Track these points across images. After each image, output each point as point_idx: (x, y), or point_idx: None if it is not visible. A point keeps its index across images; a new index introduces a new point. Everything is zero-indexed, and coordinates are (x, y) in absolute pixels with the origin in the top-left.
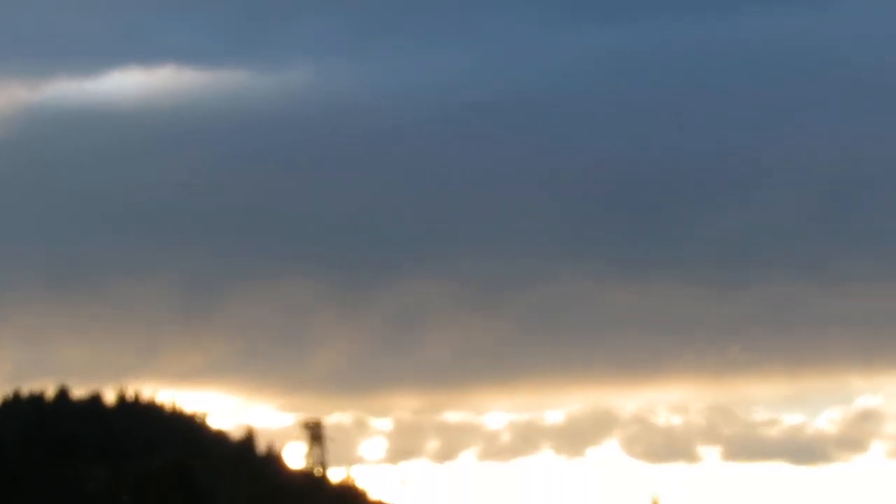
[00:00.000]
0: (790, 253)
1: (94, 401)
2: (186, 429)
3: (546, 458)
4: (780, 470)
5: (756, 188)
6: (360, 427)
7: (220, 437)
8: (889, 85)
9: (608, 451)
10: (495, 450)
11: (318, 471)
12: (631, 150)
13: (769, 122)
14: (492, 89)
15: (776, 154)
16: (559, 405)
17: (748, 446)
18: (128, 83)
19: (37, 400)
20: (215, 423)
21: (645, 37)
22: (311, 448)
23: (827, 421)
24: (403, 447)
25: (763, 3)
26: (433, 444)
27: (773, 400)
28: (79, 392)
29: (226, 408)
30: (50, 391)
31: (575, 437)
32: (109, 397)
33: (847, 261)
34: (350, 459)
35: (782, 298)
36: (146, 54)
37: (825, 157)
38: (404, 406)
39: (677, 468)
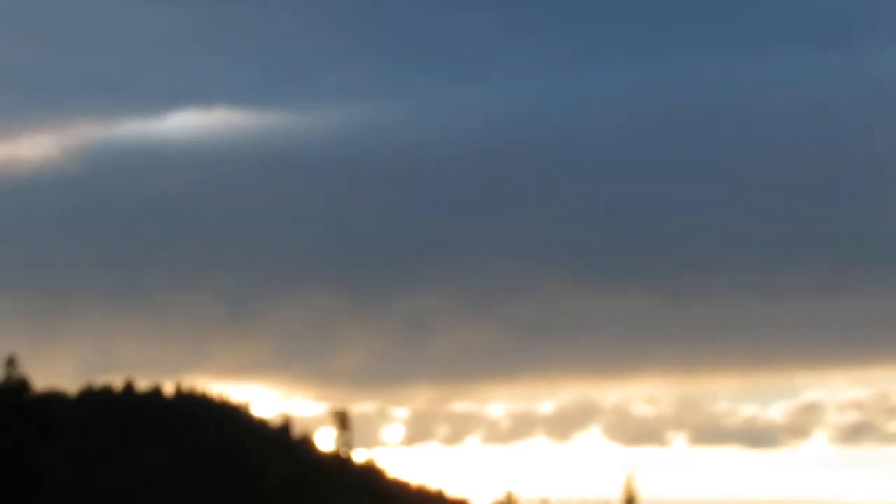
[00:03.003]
0: (744, 267)
1: (155, 393)
2: (233, 417)
3: (539, 442)
4: (736, 453)
5: (715, 214)
6: (381, 415)
7: (261, 424)
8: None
9: (592, 437)
10: (496, 435)
11: (345, 452)
12: (614, 182)
13: (726, 159)
14: (501, 128)
15: (731, 185)
16: (550, 397)
17: (710, 433)
18: (185, 123)
19: (106, 391)
20: (258, 412)
21: (635, 82)
22: (339, 433)
23: (777, 412)
24: (418, 433)
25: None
26: (443, 430)
27: (732, 393)
28: (142, 385)
29: (266, 399)
30: (117, 384)
31: (564, 425)
32: (168, 390)
33: (792, 273)
34: (372, 443)
35: (738, 306)
36: (201, 97)
37: (772, 189)
38: (418, 397)
39: (650, 451)
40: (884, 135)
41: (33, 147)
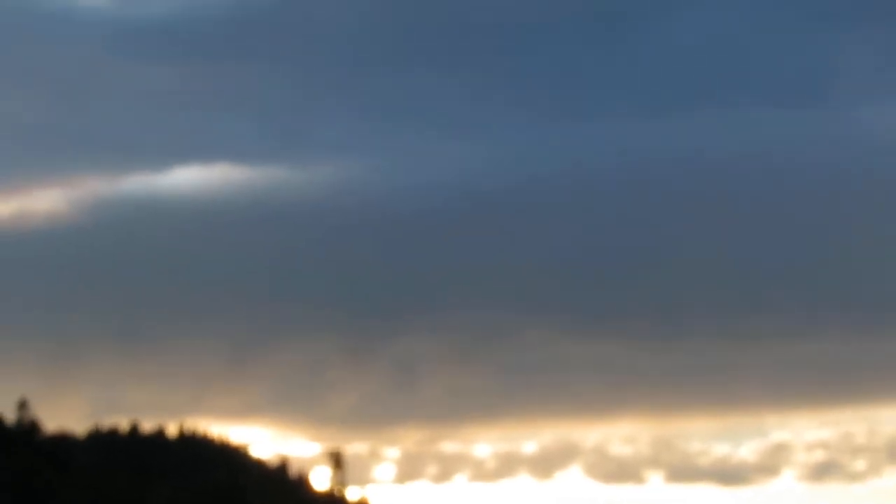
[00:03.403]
0: (715, 314)
1: (160, 434)
2: (233, 456)
3: (523, 480)
4: (710, 490)
5: (689, 267)
6: (373, 455)
7: (259, 464)
8: (792, 184)
9: (573, 475)
10: (482, 474)
11: (339, 490)
12: (593, 234)
13: (702, 213)
14: (487, 181)
15: (703, 234)
16: (533, 437)
17: (684, 471)
18: (188, 177)
19: (113, 433)
20: (256, 452)
21: (617, 138)
22: (333, 472)
23: (747, 451)
24: (408, 471)
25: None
26: (432, 469)
27: (704, 434)
28: (147, 427)
29: (264, 440)
30: (124, 426)
31: (546, 464)
32: (172, 431)
33: (761, 320)
34: (365, 481)
35: (710, 351)
36: (204, 153)
37: (742, 238)
38: (408, 438)
39: (628, 489)
40: (851, 187)
41: (43, 200)
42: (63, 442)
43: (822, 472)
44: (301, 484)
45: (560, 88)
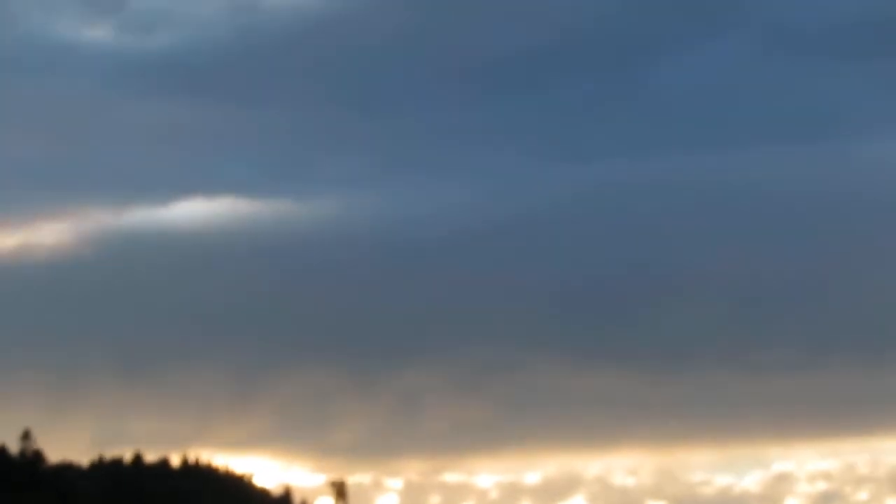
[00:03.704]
0: (718, 347)
1: (163, 464)
2: (237, 487)
3: None
4: None
5: (691, 298)
6: (376, 485)
7: (263, 494)
8: (796, 217)
9: None
10: None
11: None
12: (593, 267)
13: (700, 245)
14: (487, 215)
15: (706, 268)
16: (536, 468)
17: (687, 501)
18: (192, 211)
19: (117, 463)
20: (260, 482)
21: (617, 173)
22: (336, 502)
23: (750, 482)
24: (411, 502)
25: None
26: (435, 500)
27: (707, 465)
28: (151, 457)
29: (268, 470)
30: (127, 456)
31: (549, 495)
32: (175, 461)
33: (763, 353)
34: None
35: (713, 384)
36: (207, 187)
37: (745, 272)
38: (412, 469)
39: None
40: (855, 220)
41: (47, 233)
42: (66, 472)
43: (824, 502)
44: None
45: (558, 128)
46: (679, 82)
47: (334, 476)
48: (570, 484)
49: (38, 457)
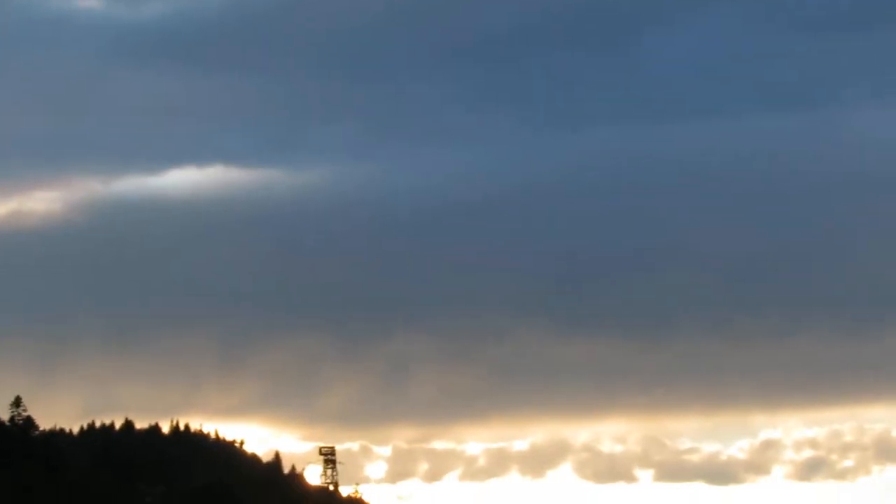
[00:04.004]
0: (706, 316)
1: (153, 431)
2: (226, 454)
3: (514, 479)
4: (700, 489)
5: (680, 267)
6: (365, 453)
7: (253, 461)
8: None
9: (563, 474)
10: (473, 472)
11: (332, 488)
12: (582, 236)
13: (688, 212)
14: (476, 186)
15: (693, 239)
16: (524, 436)
17: (675, 470)
18: (183, 179)
19: (107, 430)
20: (250, 449)
21: (605, 142)
22: (326, 469)
23: (737, 449)
24: (400, 469)
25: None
26: (424, 467)
27: (694, 432)
28: (141, 424)
29: (258, 437)
30: (118, 423)
31: (537, 462)
32: (165, 428)
33: (750, 322)
34: (357, 479)
35: (700, 352)
36: (199, 156)
37: (731, 242)
38: (401, 436)
39: (618, 487)
40: (842, 189)
41: (39, 201)
42: (57, 439)
43: (810, 470)
44: (294, 481)
45: (552, 97)
46: (672, 52)
47: (323, 444)
48: (558, 451)
49: (28, 423)
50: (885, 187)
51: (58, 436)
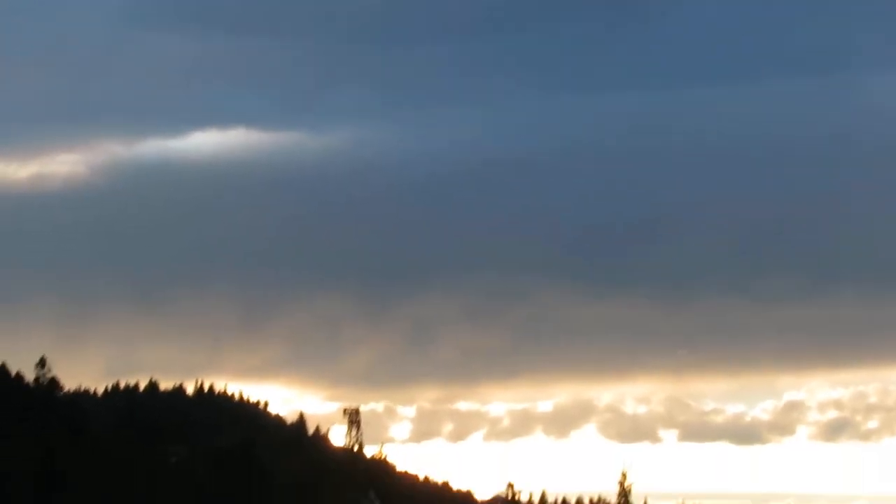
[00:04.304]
0: (729, 276)
1: (177, 392)
2: (250, 415)
3: (538, 439)
4: (724, 449)
5: (702, 230)
6: (390, 413)
7: (277, 422)
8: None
9: (587, 434)
10: (497, 432)
11: (356, 448)
12: (604, 198)
13: (710, 175)
14: (499, 147)
15: (718, 196)
16: (548, 396)
17: (699, 430)
18: (205, 142)
19: (131, 391)
20: (274, 410)
21: (627, 105)
22: (350, 430)
23: (761, 410)
24: (424, 429)
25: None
26: (448, 428)
27: (719, 393)
28: (165, 385)
29: (282, 398)
30: (142, 384)
31: (561, 423)
32: (189, 390)
33: (773, 282)
34: (382, 439)
35: (724, 312)
36: (221, 118)
37: (756, 202)
38: (425, 396)
39: (642, 447)
40: (859, 154)
41: (62, 164)
42: (81, 400)
43: (835, 430)
44: (318, 442)
45: (571, 61)
46: (689, 15)
47: (348, 404)
48: (582, 412)
49: (53, 384)
50: None
51: (82, 396)
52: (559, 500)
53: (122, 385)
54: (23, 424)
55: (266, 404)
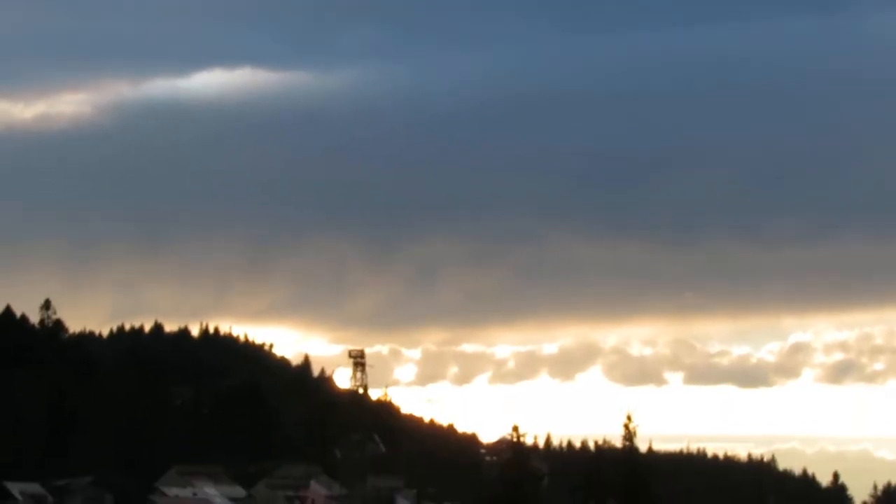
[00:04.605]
0: (734, 217)
1: (182, 334)
2: (256, 357)
3: (543, 381)
4: (729, 391)
5: (706, 171)
6: (395, 356)
7: (282, 364)
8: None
9: (593, 376)
10: (503, 375)
11: (360, 390)
12: (609, 138)
13: (716, 116)
14: (505, 87)
15: (721, 140)
16: (554, 339)
17: (704, 372)
18: (211, 82)
19: (136, 333)
20: (279, 352)
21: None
22: (355, 373)
23: (766, 353)
24: (429, 372)
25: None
26: (453, 370)
27: (724, 336)
28: (170, 327)
29: (287, 340)
30: (147, 326)
31: (566, 365)
32: (194, 331)
33: (778, 223)
34: (387, 382)
35: (729, 255)
36: (227, 58)
37: (759, 144)
38: (430, 339)
39: (648, 390)
40: (865, 94)
41: (68, 104)
42: (86, 341)
43: (840, 373)
44: (323, 384)
45: (577, 1)
46: None
47: (353, 347)
48: (587, 354)
49: (58, 326)
50: None
51: (87, 338)
52: (564, 443)
53: (127, 327)
54: (31, 366)
55: (271, 346)
